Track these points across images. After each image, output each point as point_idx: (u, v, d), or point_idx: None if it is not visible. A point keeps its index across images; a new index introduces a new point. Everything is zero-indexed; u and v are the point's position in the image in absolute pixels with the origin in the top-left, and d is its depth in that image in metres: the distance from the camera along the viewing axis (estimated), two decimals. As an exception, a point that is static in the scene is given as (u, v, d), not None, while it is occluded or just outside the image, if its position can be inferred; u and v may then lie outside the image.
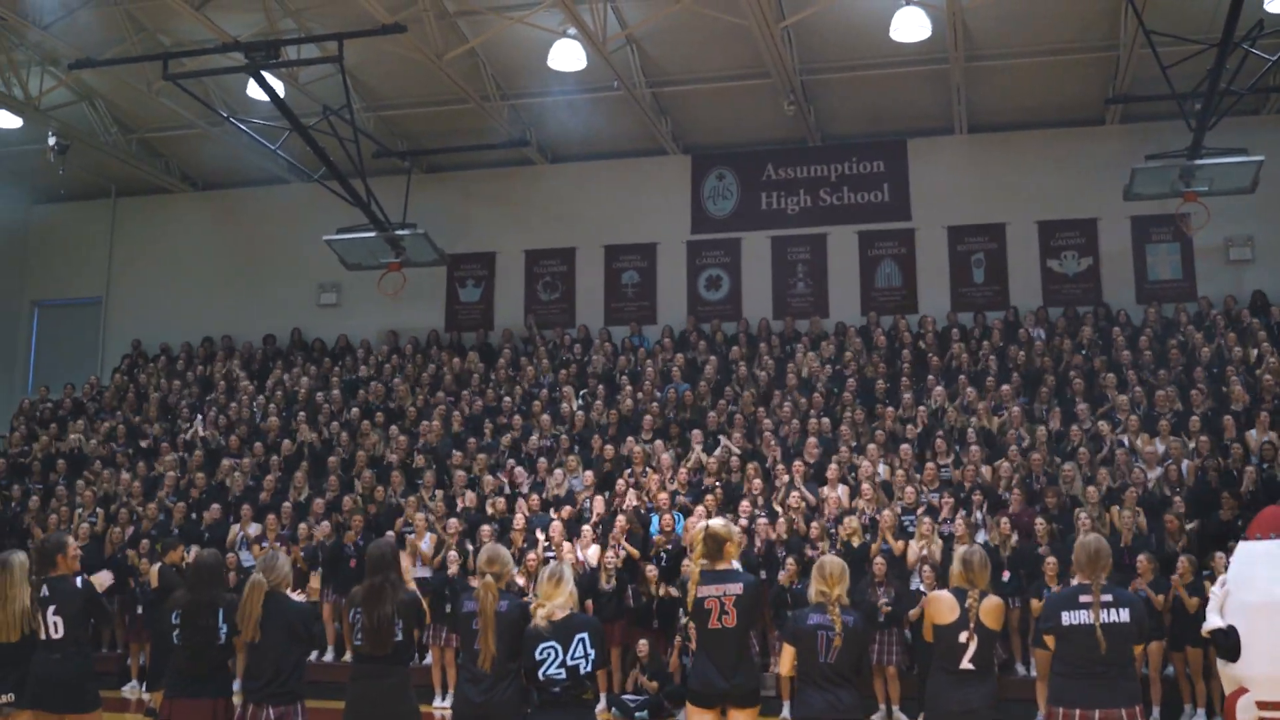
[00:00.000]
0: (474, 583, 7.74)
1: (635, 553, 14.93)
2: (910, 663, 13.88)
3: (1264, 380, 17.24)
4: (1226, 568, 13.17)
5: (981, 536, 14.61)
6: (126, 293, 25.55)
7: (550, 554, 15.19)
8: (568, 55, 19.10)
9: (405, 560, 7.85)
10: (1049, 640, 7.12)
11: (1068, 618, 6.93)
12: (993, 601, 7.31)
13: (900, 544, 14.42)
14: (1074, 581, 7.25)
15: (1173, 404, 17.15)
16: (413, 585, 8.16)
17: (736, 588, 7.28)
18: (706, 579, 7.32)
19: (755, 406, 18.55)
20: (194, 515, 17.70)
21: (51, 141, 21.76)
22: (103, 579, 8.70)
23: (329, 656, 16.04)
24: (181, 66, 18.15)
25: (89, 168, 24.09)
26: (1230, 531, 14.14)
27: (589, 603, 14.01)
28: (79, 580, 8.20)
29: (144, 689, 15.44)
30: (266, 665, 7.47)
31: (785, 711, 13.68)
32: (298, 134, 18.50)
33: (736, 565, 7.64)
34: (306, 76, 20.27)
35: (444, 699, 14.77)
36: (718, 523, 7.58)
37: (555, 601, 7.13)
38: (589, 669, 7.01)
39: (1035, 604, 13.02)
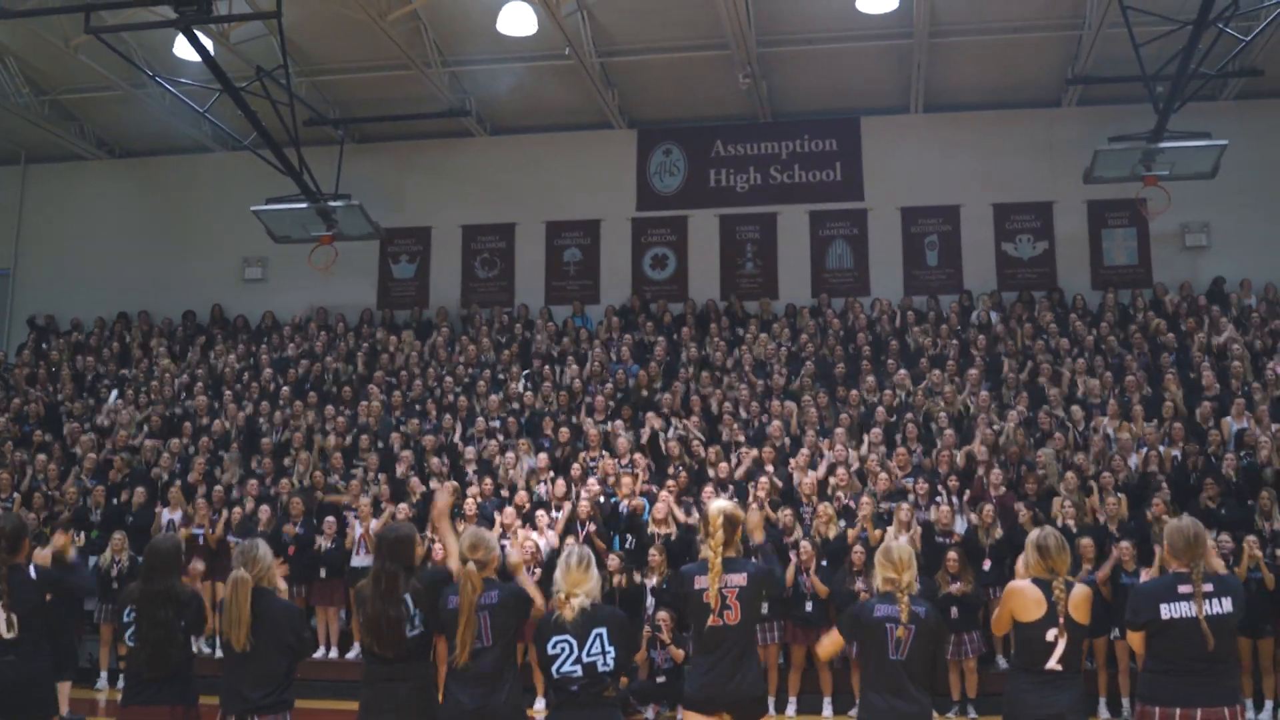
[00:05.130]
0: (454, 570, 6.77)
1: (602, 545, 14.07)
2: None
3: (1234, 367, 16.92)
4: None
5: (961, 523, 14.02)
6: (36, 265, 24.07)
7: (504, 540, 14.31)
8: (518, 19, 18.28)
9: (420, 549, 6.88)
10: (1136, 639, 6.42)
11: (1167, 610, 6.18)
12: (1081, 592, 6.42)
13: (879, 532, 13.75)
14: (1153, 569, 6.56)
15: (1142, 390, 16.75)
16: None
17: (739, 579, 6.50)
18: (702, 569, 6.56)
19: (712, 388, 17.82)
20: (115, 499, 16.54)
21: (-43, 101, 20.37)
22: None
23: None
24: (103, 21, 16.97)
25: (-2, 132, 22.72)
26: (1213, 519, 13.73)
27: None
28: (32, 570, 7.14)
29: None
30: (250, 673, 6.51)
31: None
32: (229, 97, 17.44)
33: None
34: (237, 36, 19.13)
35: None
36: (728, 504, 6.76)
37: (586, 587, 6.31)
38: (608, 666, 6.21)
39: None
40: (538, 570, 13.21)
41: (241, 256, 23.12)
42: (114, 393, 19.63)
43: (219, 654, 6.92)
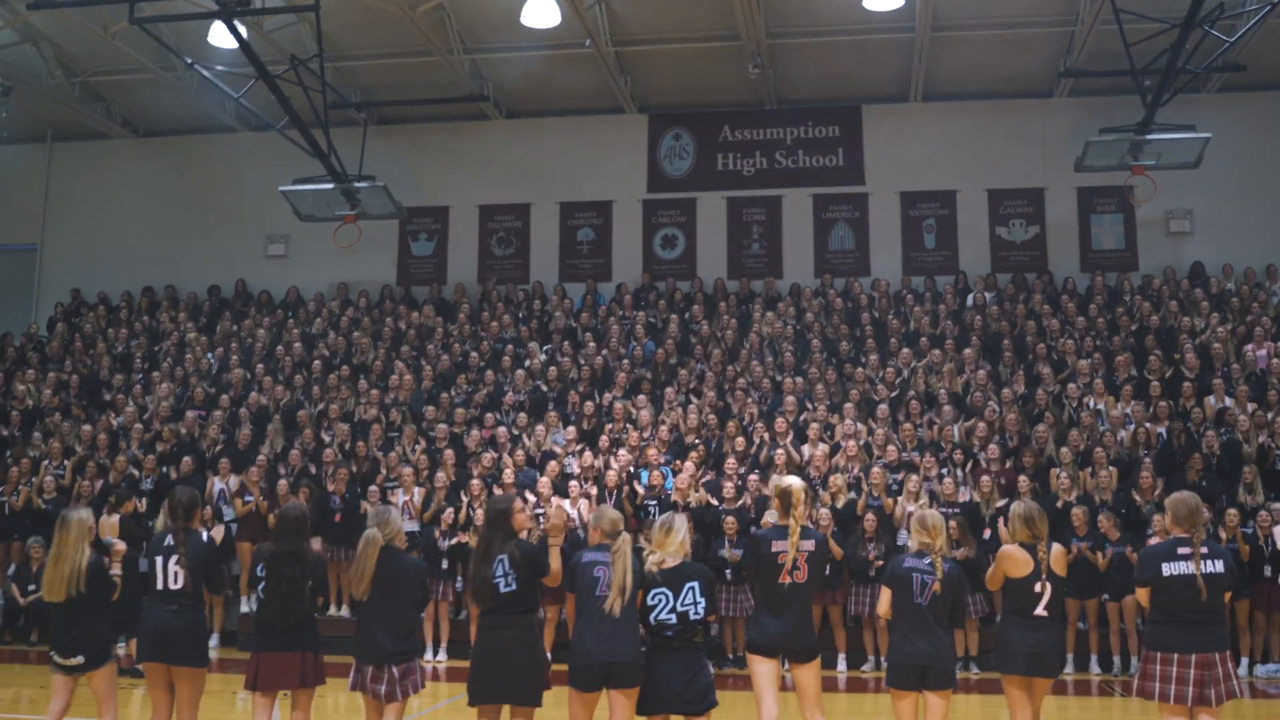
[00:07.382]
0: (596, 539, 7.69)
1: (629, 508, 15.13)
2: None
3: (1213, 349, 17.99)
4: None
5: (965, 494, 15.09)
6: (63, 240, 24.90)
7: (539, 510, 15.28)
8: (542, 11, 19.11)
9: (519, 516, 7.87)
10: (1143, 594, 7.57)
11: (1168, 569, 7.41)
12: (1058, 549, 7.91)
13: (889, 501, 14.87)
14: (1156, 535, 7.67)
15: (1129, 369, 17.84)
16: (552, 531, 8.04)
17: (809, 544, 7.71)
18: (781, 534, 7.69)
19: (725, 365, 18.84)
20: (164, 469, 17.47)
21: (-4, 83, 21.10)
22: (217, 533, 8.65)
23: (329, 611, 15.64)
24: (142, 12, 17.73)
25: (26, 111, 23.38)
26: (1195, 492, 14.79)
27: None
28: (205, 535, 8.19)
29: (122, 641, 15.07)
30: (386, 624, 7.51)
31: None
32: (264, 82, 18.25)
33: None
34: (270, 24, 19.93)
35: (434, 654, 15.02)
36: (802, 481, 8.05)
37: (667, 550, 7.42)
38: (699, 615, 7.34)
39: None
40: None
41: (264, 233, 23.96)
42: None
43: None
